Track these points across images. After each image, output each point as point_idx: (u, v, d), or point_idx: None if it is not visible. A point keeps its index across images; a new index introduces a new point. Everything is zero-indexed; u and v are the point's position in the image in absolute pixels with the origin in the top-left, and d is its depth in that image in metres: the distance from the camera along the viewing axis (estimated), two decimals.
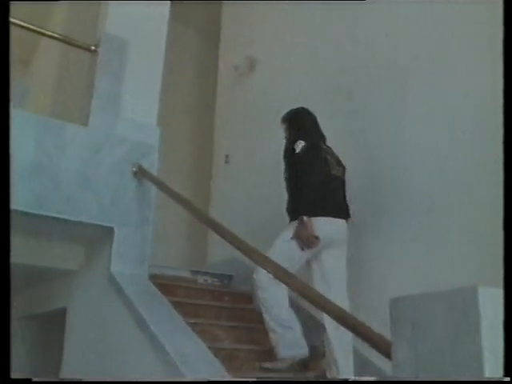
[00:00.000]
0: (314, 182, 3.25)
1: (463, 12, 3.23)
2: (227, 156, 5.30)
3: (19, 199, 3.04)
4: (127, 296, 3.03)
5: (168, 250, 5.19)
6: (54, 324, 4.20)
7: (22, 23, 3.63)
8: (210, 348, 2.65)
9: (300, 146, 3.34)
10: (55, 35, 4.04)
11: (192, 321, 3.11)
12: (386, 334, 1.20)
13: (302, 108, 3.69)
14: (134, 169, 3.37)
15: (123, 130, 3.45)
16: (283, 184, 3.48)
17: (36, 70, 7.12)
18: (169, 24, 3.95)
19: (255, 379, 2.81)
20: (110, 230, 3.31)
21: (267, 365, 3.15)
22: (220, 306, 4.03)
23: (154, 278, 3.44)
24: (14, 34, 5.60)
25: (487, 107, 2.85)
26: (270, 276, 2.72)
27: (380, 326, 1.31)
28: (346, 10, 4.24)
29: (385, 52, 3.84)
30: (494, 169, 1.94)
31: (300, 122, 3.63)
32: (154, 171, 3.44)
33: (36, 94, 5.79)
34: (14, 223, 3.27)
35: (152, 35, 3.82)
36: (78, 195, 3.22)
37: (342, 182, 3.48)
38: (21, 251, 3.57)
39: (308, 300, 1.76)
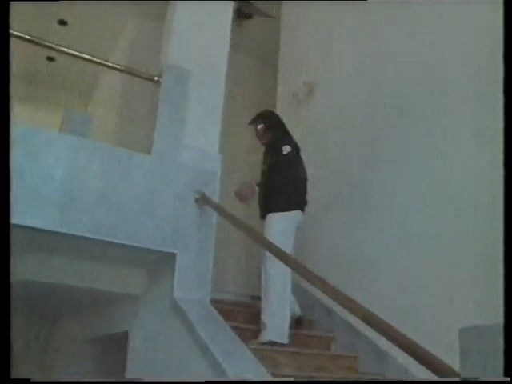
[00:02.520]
0: (298, 180, 4.03)
1: None
2: None
3: (85, 225, 3.16)
4: (190, 321, 3.06)
5: (228, 275, 5.23)
6: (116, 347, 4.28)
7: (85, 56, 3.80)
8: (272, 374, 2.64)
9: (288, 149, 4.02)
10: (119, 67, 4.18)
11: (253, 346, 3.12)
12: None
13: (273, 111, 4.53)
14: (197, 196, 3.43)
15: (186, 158, 3.53)
16: (343, 212, 3.56)
17: (99, 101, 7.37)
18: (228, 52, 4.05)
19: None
20: (173, 256, 3.36)
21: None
22: None
23: (214, 303, 3.47)
24: (78, 66, 5.83)
25: None
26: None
27: None
28: (404, 30, 4.24)
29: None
30: None
31: (279, 126, 4.31)
32: (215, 198, 3.50)
33: (99, 124, 5.99)
34: (80, 248, 3.39)
35: (213, 64, 3.91)
36: (141, 222, 3.30)
37: (306, 182, 4.13)
38: (86, 275, 3.69)
39: (372, 327, 1.74)
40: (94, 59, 3.82)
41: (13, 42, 5.56)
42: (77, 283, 3.74)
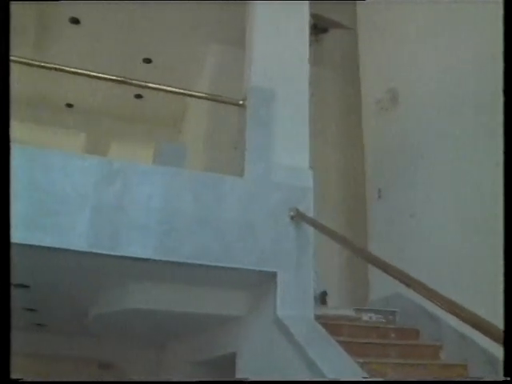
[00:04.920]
0: None
1: None
2: (380, 190, 5.24)
3: (184, 252, 3.26)
4: (295, 338, 3.07)
5: (329, 289, 5.20)
6: (224, 369, 4.34)
7: (171, 89, 3.95)
8: None
9: None
10: (204, 95, 4.32)
11: (360, 360, 3.07)
12: None
13: None
14: (292, 213, 3.45)
15: (278, 177, 3.58)
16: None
17: (188, 130, 7.62)
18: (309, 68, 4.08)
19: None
20: (273, 275, 3.39)
21: None
22: (387, 343, 3.93)
23: (317, 318, 3.46)
24: (165, 100, 6.04)
25: None
26: None
27: None
28: (487, 30, 4.10)
29: None
30: None
31: None
32: (310, 213, 3.50)
33: (190, 152, 6.19)
34: (182, 275, 3.50)
35: (295, 82, 3.96)
36: (238, 243, 3.37)
37: None
38: (190, 301, 3.79)
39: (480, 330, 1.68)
40: (180, 91, 3.96)
41: (101, 83, 5.91)
42: (182, 309, 3.86)
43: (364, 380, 2.74)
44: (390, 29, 5.54)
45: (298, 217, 3.44)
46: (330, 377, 2.62)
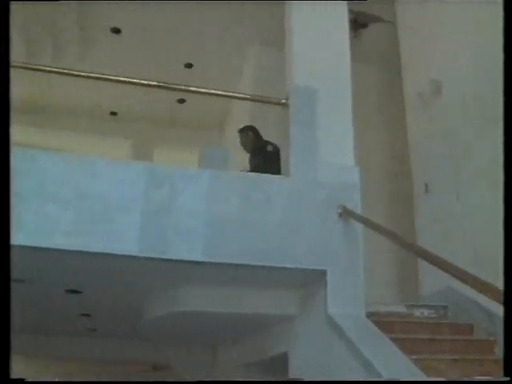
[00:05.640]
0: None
1: None
2: (426, 185, 5.16)
3: (232, 253, 3.27)
4: (348, 337, 3.05)
5: (380, 285, 5.15)
6: (276, 369, 4.35)
7: (214, 92, 3.98)
8: None
9: (271, 147, 5.06)
10: (246, 96, 4.33)
11: (414, 357, 3.02)
12: None
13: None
14: (339, 210, 3.43)
15: (324, 175, 3.56)
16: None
17: (231, 132, 7.66)
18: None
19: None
20: (323, 273, 3.37)
21: None
22: (441, 339, 3.86)
23: (369, 315, 3.42)
24: (208, 104, 6.10)
25: None
26: None
27: None
28: None
29: None
30: None
31: (259, 133, 5.47)
32: (358, 210, 3.48)
33: (234, 154, 6.22)
34: (231, 276, 3.52)
35: (337, 78, 3.95)
36: (287, 243, 3.37)
37: None
38: (240, 302, 3.81)
39: None
40: (223, 93, 3.98)
41: (144, 90, 5.98)
42: (232, 310, 3.88)
43: (364, 380, 2.70)
44: (429, 20, 5.45)
45: (346, 214, 3.42)
46: (386, 376, 2.58)
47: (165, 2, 6.03)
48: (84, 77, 4.21)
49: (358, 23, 6.32)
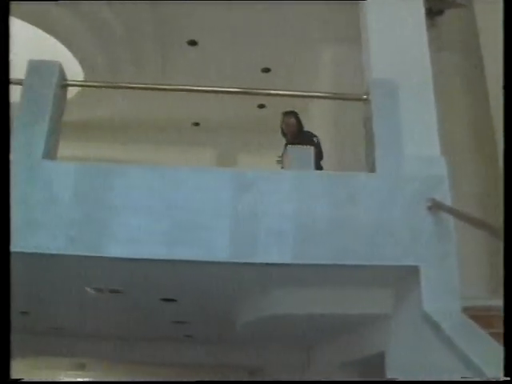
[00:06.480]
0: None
1: None
2: None
3: (323, 254, 3.26)
4: (446, 333, 2.95)
5: (473, 278, 4.95)
6: (372, 369, 4.28)
7: (294, 93, 4.00)
8: None
9: (316, 139, 5.22)
10: (326, 95, 4.32)
11: None
12: None
13: None
14: (429, 203, 3.34)
15: (410, 168, 3.49)
16: None
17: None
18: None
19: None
20: (415, 269, 3.30)
21: None
22: None
23: (465, 310, 3.30)
24: (288, 105, 6.14)
25: None
26: None
27: None
28: None
29: None
30: None
31: (301, 121, 5.50)
32: (447, 202, 3.38)
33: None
34: (324, 277, 3.50)
35: (417, 68, 3.87)
36: (376, 240, 3.32)
37: None
38: (334, 302, 3.79)
39: None
40: (304, 94, 3.99)
41: (225, 98, 6.07)
42: (325, 311, 3.86)
43: (364, 380, 2.56)
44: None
45: (436, 207, 3.32)
46: (487, 372, 2.48)
47: (236, 6, 6.07)
48: (168, 90, 4.34)
49: (434, 11, 6.14)
